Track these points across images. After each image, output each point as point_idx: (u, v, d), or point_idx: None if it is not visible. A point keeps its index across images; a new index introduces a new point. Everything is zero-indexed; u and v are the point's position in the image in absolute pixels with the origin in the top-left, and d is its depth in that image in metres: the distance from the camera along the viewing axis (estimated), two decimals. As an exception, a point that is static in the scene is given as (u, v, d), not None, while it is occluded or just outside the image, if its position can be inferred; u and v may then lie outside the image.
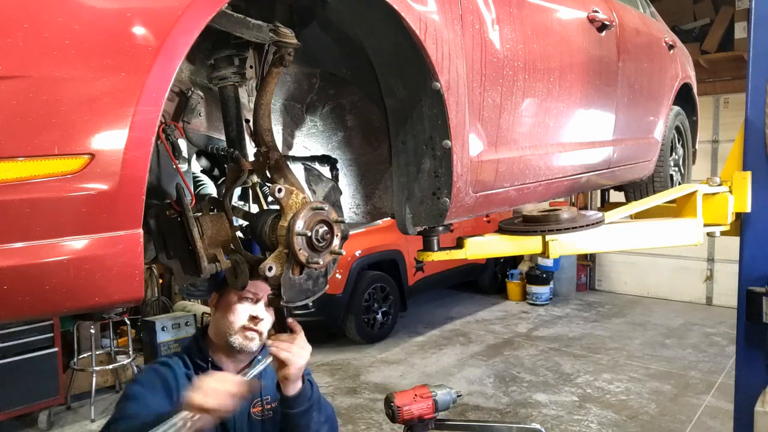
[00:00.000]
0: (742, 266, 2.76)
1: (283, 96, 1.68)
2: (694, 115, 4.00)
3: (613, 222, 2.51)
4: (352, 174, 1.83)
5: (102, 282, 0.95)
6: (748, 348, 2.72)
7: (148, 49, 0.95)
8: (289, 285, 1.33)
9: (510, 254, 2.58)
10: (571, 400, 4.65)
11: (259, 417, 1.78)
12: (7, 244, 0.88)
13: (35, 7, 0.89)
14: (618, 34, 2.65)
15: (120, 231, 0.95)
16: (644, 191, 3.50)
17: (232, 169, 1.41)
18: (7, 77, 0.85)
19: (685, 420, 4.28)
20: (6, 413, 3.99)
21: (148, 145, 0.96)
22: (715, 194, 2.74)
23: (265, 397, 1.79)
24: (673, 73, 3.45)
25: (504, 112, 1.86)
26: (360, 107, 1.72)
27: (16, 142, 0.86)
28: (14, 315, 0.95)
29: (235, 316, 1.72)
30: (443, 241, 2.14)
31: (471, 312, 7.39)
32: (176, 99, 1.40)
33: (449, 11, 1.58)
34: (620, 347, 5.92)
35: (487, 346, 6.03)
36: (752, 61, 2.70)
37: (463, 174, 1.66)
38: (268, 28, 1.31)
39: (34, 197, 0.88)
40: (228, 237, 1.34)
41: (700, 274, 7.69)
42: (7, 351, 3.98)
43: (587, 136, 2.53)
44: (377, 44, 1.53)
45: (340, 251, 1.38)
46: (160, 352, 4.68)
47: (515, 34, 1.88)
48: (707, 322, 6.77)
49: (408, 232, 1.75)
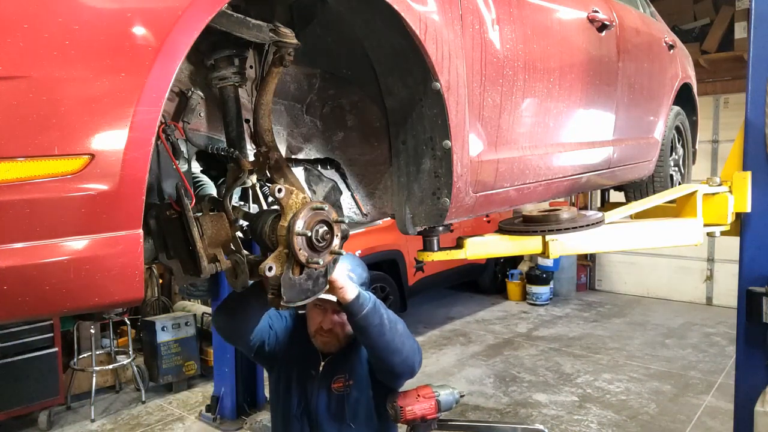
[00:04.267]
0: (742, 266, 2.76)
1: (283, 96, 1.68)
2: (694, 115, 4.00)
3: (613, 222, 2.51)
4: (352, 174, 1.83)
5: (102, 282, 0.95)
6: (748, 348, 2.72)
7: (148, 50, 0.95)
8: (289, 285, 1.33)
9: (510, 254, 2.58)
10: (571, 400, 4.65)
11: (340, 392, 1.92)
12: (7, 244, 0.88)
13: (35, 7, 0.88)
14: (618, 34, 2.65)
15: (120, 231, 0.95)
16: (644, 191, 3.50)
17: (232, 169, 1.41)
18: (7, 77, 0.85)
19: (685, 420, 4.28)
20: (6, 413, 3.99)
21: (148, 145, 0.96)
22: (715, 194, 2.74)
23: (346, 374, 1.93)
24: (673, 73, 3.45)
25: (504, 112, 1.86)
26: (360, 107, 1.72)
27: (16, 142, 0.87)
28: (14, 315, 0.95)
29: (310, 320, 1.95)
30: (443, 241, 2.15)
31: (471, 312, 7.39)
32: (176, 99, 1.40)
33: (449, 11, 1.58)
34: (620, 347, 5.92)
35: (487, 346, 6.03)
36: (752, 61, 2.70)
37: (463, 174, 1.66)
38: (268, 28, 1.31)
39: (34, 197, 0.88)
40: (228, 237, 1.34)
41: (700, 274, 7.69)
42: (7, 351, 3.98)
43: (587, 136, 2.53)
44: (377, 44, 1.53)
45: (340, 251, 1.38)
46: (160, 352, 4.69)
47: (515, 34, 1.88)
48: (707, 322, 6.77)
49: (408, 232, 1.75)
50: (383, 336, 1.71)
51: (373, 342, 1.73)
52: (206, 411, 4.37)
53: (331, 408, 1.93)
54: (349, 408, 1.92)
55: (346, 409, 1.92)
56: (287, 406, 1.97)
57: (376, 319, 1.69)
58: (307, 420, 1.94)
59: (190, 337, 4.88)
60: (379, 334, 1.71)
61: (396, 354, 1.76)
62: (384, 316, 1.72)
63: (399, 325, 1.77)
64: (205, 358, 5.00)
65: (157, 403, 4.68)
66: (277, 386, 2.02)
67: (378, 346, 1.74)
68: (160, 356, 4.69)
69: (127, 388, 4.92)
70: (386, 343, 1.73)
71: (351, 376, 1.93)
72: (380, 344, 1.73)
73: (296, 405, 1.95)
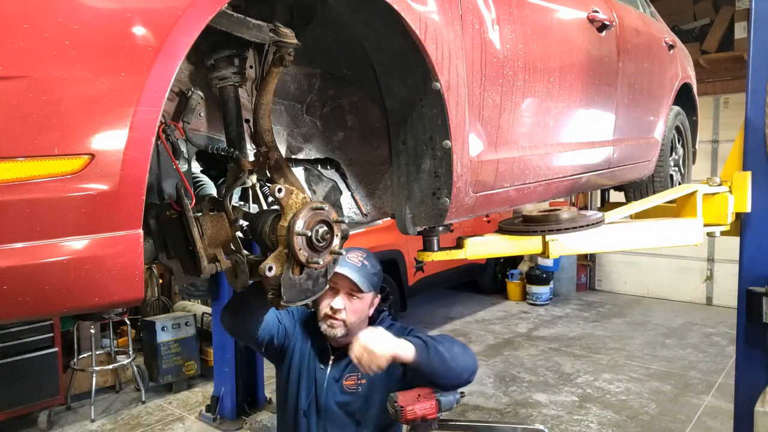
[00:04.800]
0: (742, 266, 2.76)
1: (283, 96, 1.68)
2: (694, 115, 4.00)
3: (613, 222, 2.51)
4: (352, 174, 1.83)
5: (102, 282, 0.95)
6: (748, 348, 2.72)
7: (148, 50, 0.95)
8: (289, 285, 1.32)
9: (510, 254, 2.58)
10: (571, 400, 4.65)
11: (351, 389, 1.93)
12: (8, 244, 0.88)
13: (35, 7, 0.88)
14: (618, 34, 2.65)
15: (120, 231, 0.95)
16: (644, 191, 3.50)
17: (232, 169, 1.41)
18: (7, 77, 0.85)
19: (685, 420, 4.28)
20: (6, 413, 3.99)
21: (148, 145, 0.95)
22: (715, 194, 2.74)
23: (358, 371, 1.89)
24: (673, 73, 3.45)
25: (504, 112, 1.86)
26: (360, 107, 1.72)
27: (16, 142, 0.86)
28: (14, 315, 0.95)
29: (320, 303, 1.89)
30: (443, 241, 2.14)
31: (471, 312, 7.39)
32: (176, 99, 1.39)
33: (449, 11, 1.58)
34: (620, 347, 5.92)
35: (487, 346, 6.03)
36: (752, 61, 2.70)
37: (463, 174, 1.66)
38: (268, 28, 1.31)
39: (34, 197, 0.88)
40: (228, 237, 1.34)
41: (700, 274, 7.69)
42: (7, 351, 3.98)
43: (587, 136, 2.53)
44: (377, 44, 1.53)
45: (340, 251, 1.38)
46: (160, 352, 4.69)
47: (515, 34, 1.88)
48: (707, 322, 6.77)
49: (408, 232, 1.75)
50: (447, 366, 1.72)
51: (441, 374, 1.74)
52: (206, 411, 4.38)
53: (342, 405, 1.92)
54: (361, 406, 1.92)
55: (357, 407, 1.92)
56: (295, 401, 1.97)
57: (437, 359, 1.71)
58: (315, 416, 1.94)
59: (190, 337, 4.88)
60: (445, 368, 1.72)
61: (464, 372, 1.77)
62: (442, 351, 1.72)
63: (455, 347, 1.77)
64: (205, 358, 5.00)
65: (157, 403, 4.68)
66: (285, 382, 2.02)
67: (446, 375, 1.74)
68: (160, 356, 4.69)
69: (127, 388, 4.93)
70: (451, 369, 1.74)
71: (364, 375, 1.91)
72: (447, 374, 1.74)
73: (305, 400, 1.95)
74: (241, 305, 1.78)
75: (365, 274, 1.87)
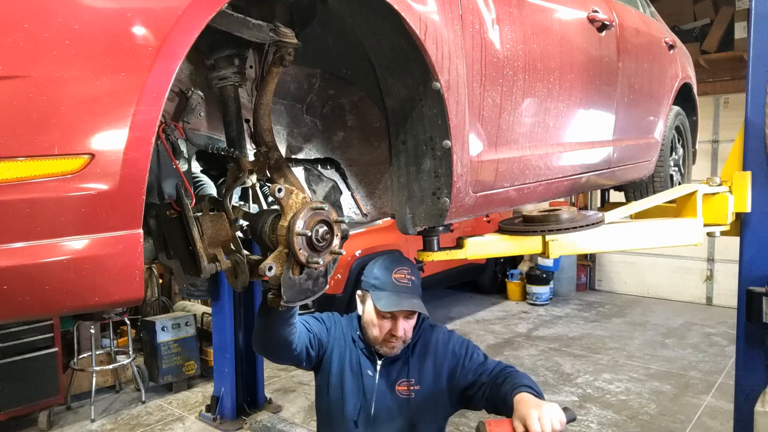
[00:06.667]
0: (742, 266, 2.76)
1: (283, 96, 1.68)
2: (694, 115, 4.00)
3: (613, 222, 2.51)
4: (352, 174, 1.83)
5: (102, 282, 0.95)
6: (748, 348, 2.72)
7: (148, 49, 0.95)
8: (289, 285, 1.33)
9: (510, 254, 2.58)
10: (571, 400, 4.65)
11: (404, 396, 1.90)
12: (8, 244, 0.88)
13: (35, 7, 0.88)
14: (618, 34, 2.65)
15: (120, 231, 0.95)
16: (644, 191, 3.50)
17: (232, 169, 1.41)
18: (7, 77, 0.85)
19: (685, 420, 4.28)
20: (6, 413, 3.99)
21: (148, 145, 0.95)
22: (715, 194, 2.74)
23: (411, 378, 1.90)
24: (673, 73, 3.45)
25: (504, 112, 1.86)
26: (360, 107, 1.72)
27: (16, 142, 0.86)
28: (14, 315, 0.95)
29: (377, 331, 1.86)
30: (443, 241, 2.14)
31: (471, 312, 7.39)
32: (176, 99, 1.40)
33: (449, 11, 1.58)
34: (620, 347, 5.92)
35: (487, 346, 6.03)
36: (752, 61, 2.70)
37: (463, 174, 1.66)
38: (268, 28, 1.31)
39: (34, 197, 0.88)
40: (228, 237, 1.34)
41: (700, 274, 7.69)
42: (7, 351, 3.97)
43: (587, 136, 2.53)
44: (377, 44, 1.53)
45: (340, 251, 1.38)
46: (160, 352, 4.69)
47: (515, 34, 1.88)
48: (707, 322, 6.77)
49: (408, 232, 1.75)
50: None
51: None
52: (206, 411, 4.37)
53: (394, 411, 1.89)
54: (414, 412, 1.89)
55: (411, 413, 1.89)
56: (342, 410, 1.91)
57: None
58: (366, 425, 1.89)
59: (190, 337, 4.88)
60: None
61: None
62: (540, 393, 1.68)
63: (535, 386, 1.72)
64: (205, 358, 5.01)
65: (157, 403, 4.68)
66: (326, 391, 1.95)
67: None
68: (160, 356, 4.69)
69: (127, 388, 4.92)
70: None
71: (417, 381, 1.90)
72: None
73: (353, 409, 1.90)
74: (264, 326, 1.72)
75: (418, 293, 1.87)
